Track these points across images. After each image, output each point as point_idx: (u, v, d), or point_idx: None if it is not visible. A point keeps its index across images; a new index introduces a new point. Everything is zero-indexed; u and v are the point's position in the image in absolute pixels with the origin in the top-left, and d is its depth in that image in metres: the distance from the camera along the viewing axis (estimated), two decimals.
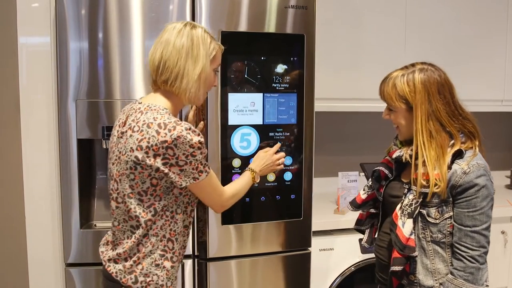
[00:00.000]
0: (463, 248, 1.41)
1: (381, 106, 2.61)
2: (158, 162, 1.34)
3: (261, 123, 1.93)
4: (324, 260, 2.24)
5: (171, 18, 1.82)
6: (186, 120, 1.81)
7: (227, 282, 1.97)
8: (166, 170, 1.35)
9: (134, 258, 1.43)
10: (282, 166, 1.79)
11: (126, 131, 1.40)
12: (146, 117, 1.36)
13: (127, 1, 1.79)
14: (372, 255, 2.29)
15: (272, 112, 1.94)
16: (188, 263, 1.92)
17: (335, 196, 2.53)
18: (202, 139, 1.38)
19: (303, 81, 1.97)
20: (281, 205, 2.00)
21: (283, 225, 2.01)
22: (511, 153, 3.33)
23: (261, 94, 1.92)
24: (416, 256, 1.47)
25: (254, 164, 1.71)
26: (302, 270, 2.06)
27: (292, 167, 1.99)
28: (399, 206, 1.50)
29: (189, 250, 1.91)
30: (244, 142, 1.92)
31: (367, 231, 1.73)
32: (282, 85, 1.94)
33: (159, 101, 1.44)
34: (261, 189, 1.96)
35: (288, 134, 1.97)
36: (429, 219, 1.45)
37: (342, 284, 2.26)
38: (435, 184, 1.41)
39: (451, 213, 1.44)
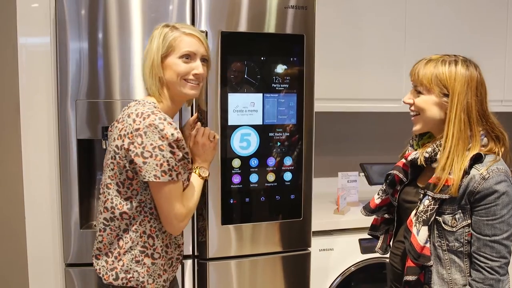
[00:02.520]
0: (482, 259, 1.33)
1: (381, 106, 2.63)
2: (131, 151, 1.33)
3: (261, 123, 1.93)
4: (324, 260, 2.24)
5: (171, 18, 1.82)
6: (184, 125, 1.74)
7: (227, 282, 1.96)
8: (134, 160, 1.33)
9: (115, 254, 1.42)
10: (216, 139, 1.62)
11: (114, 124, 1.45)
12: (131, 110, 1.40)
13: (127, 1, 1.79)
14: (372, 255, 2.30)
15: (272, 112, 1.94)
16: (188, 263, 1.92)
17: (335, 196, 2.53)
18: (178, 136, 1.33)
19: (303, 81, 1.97)
20: (281, 205, 2.00)
21: (283, 225, 2.01)
22: (511, 153, 3.33)
23: (260, 95, 1.92)
24: (431, 266, 1.40)
25: (196, 162, 1.56)
26: (302, 270, 2.06)
27: (292, 167, 1.99)
28: (414, 212, 1.42)
29: (189, 250, 1.91)
30: (244, 142, 1.92)
31: (381, 237, 1.64)
32: (282, 86, 1.94)
33: (150, 98, 1.46)
34: (261, 189, 1.96)
35: (288, 134, 1.97)
36: (445, 227, 1.38)
37: (342, 284, 2.26)
38: (447, 186, 1.34)
39: (469, 221, 1.36)
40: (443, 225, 1.38)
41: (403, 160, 1.53)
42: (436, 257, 1.40)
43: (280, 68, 1.93)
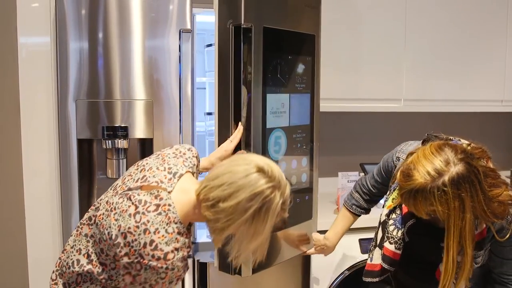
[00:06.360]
0: (507, 277, 1.38)
1: (381, 106, 2.63)
2: (124, 260, 1.21)
3: (287, 125, 1.86)
4: (324, 260, 2.24)
5: (171, 18, 1.82)
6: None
7: (227, 282, 1.96)
8: (122, 272, 1.23)
9: None
10: None
11: (131, 205, 1.23)
12: (153, 220, 1.20)
13: (127, 1, 1.79)
14: None
15: (295, 113, 1.88)
16: (189, 262, 1.91)
17: (335, 196, 2.53)
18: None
19: (314, 81, 1.95)
20: (300, 207, 1.96)
21: (298, 228, 1.97)
22: (511, 153, 3.33)
23: (288, 95, 1.85)
24: None
25: None
26: (303, 270, 2.06)
27: (306, 168, 1.97)
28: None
29: None
30: (277, 146, 1.82)
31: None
32: (301, 86, 1.91)
33: (185, 206, 1.26)
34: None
35: (304, 135, 1.94)
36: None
37: (342, 283, 2.26)
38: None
39: (489, 247, 1.38)
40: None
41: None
42: None
43: (301, 68, 1.89)
